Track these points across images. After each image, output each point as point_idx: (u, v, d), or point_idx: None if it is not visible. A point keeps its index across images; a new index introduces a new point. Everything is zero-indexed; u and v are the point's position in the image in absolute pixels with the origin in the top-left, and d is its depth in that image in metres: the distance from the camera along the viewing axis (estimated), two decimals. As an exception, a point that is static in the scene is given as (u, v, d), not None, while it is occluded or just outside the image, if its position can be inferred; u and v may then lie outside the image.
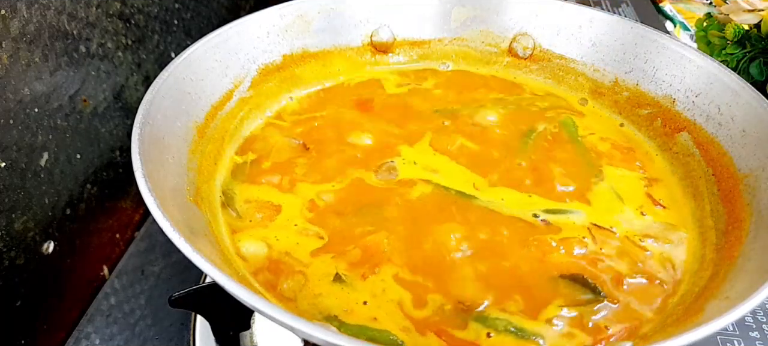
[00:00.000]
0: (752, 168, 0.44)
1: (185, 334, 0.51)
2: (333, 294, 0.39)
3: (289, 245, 0.43)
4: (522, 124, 0.55)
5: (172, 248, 0.32)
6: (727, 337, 0.49)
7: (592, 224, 0.44)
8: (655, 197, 0.48)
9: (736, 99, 0.48)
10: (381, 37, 0.63)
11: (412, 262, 0.41)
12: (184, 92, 0.47)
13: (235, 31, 0.53)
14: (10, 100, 0.46)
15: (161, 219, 0.33)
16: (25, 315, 0.50)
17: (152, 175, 0.36)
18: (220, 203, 0.46)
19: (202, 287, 0.43)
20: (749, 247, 0.39)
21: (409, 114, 0.56)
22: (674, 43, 0.54)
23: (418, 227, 0.44)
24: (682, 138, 0.52)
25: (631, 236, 0.44)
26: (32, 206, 0.49)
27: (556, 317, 0.38)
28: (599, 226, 0.44)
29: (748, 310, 0.31)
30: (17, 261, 0.48)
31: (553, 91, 0.61)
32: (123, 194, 0.64)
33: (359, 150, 0.51)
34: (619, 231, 0.44)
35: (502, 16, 0.62)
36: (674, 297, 0.40)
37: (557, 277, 0.40)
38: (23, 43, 0.47)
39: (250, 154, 0.51)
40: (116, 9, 0.59)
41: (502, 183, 0.48)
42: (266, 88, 0.57)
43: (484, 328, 0.37)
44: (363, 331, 0.37)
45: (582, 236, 0.44)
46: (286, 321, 0.28)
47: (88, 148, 0.57)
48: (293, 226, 0.44)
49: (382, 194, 0.47)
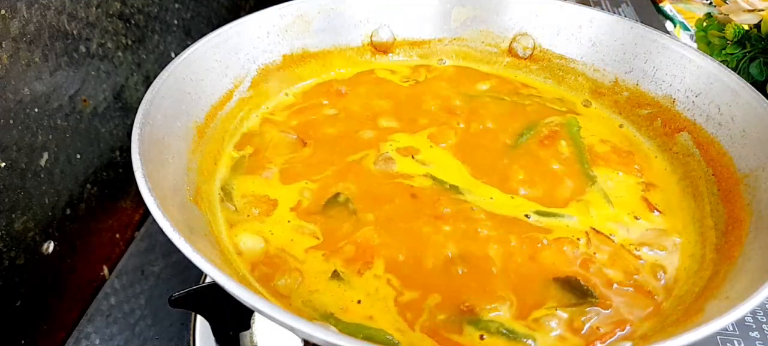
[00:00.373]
0: (752, 168, 0.44)
1: (185, 334, 0.51)
2: (329, 291, 0.39)
3: (284, 241, 0.43)
4: (522, 124, 0.55)
5: (172, 248, 0.32)
6: (727, 337, 0.49)
7: (591, 228, 0.44)
8: (651, 202, 0.48)
9: (736, 99, 0.48)
10: (381, 37, 0.63)
11: (403, 259, 0.41)
12: (184, 92, 0.47)
13: (235, 31, 0.53)
14: (10, 100, 0.46)
15: (161, 219, 0.33)
16: (25, 315, 0.50)
17: (152, 175, 0.36)
18: (219, 198, 0.46)
19: (202, 287, 0.43)
20: (749, 247, 0.39)
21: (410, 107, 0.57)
22: (674, 43, 0.54)
23: (411, 223, 0.44)
24: (682, 138, 0.52)
25: (625, 242, 0.44)
26: (32, 206, 0.49)
27: (548, 319, 0.38)
28: (597, 230, 0.44)
29: (748, 310, 0.31)
30: (17, 261, 0.48)
31: (555, 91, 0.61)
32: (123, 194, 0.64)
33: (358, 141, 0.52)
34: (615, 237, 0.44)
35: (502, 16, 0.63)
36: (667, 301, 0.40)
37: (551, 280, 0.40)
38: (23, 43, 0.47)
39: (247, 149, 0.51)
40: (116, 9, 0.59)
41: (492, 183, 0.48)
42: (266, 88, 0.57)
43: (477, 330, 0.37)
44: (360, 330, 0.37)
45: (576, 237, 0.44)
46: (286, 321, 0.28)
47: (88, 148, 0.57)
48: (287, 222, 0.44)
49: (379, 188, 0.47)
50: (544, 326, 0.38)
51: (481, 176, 0.49)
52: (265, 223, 0.44)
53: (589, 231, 0.44)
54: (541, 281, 0.40)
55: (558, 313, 0.38)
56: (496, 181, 0.48)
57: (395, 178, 0.48)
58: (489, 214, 0.45)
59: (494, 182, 0.48)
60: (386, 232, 0.43)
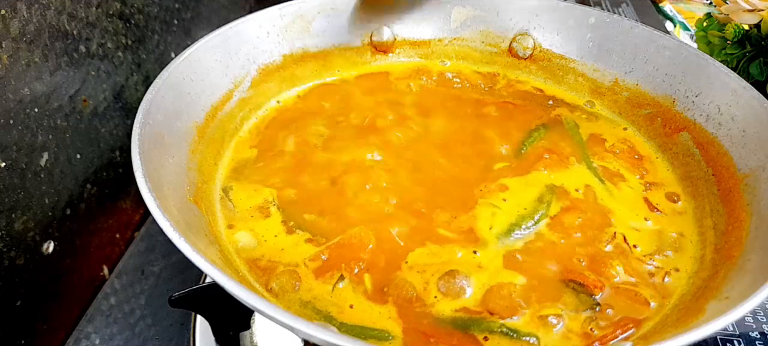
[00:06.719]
0: (752, 168, 0.44)
1: (185, 334, 0.51)
2: (325, 293, 0.39)
3: (282, 243, 0.43)
4: (523, 124, 0.55)
5: (172, 248, 0.32)
6: (727, 337, 0.49)
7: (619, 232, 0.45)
8: (652, 202, 0.48)
9: (736, 99, 0.48)
10: (381, 37, 0.63)
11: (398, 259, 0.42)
12: (184, 92, 0.47)
13: (235, 31, 0.53)
14: (10, 100, 0.46)
15: (161, 219, 0.33)
16: (25, 315, 0.50)
17: (152, 175, 0.36)
18: (219, 198, 0.46)
19: (202, 287, 0.43)
20: (749, 247, 0.39)
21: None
22: (674, 43, 0.54)
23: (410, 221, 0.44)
24: (682, 138, 0.52)
25: (628, 242, 0.44)
26: (32, 206, 0.49)
27: (551, 317, 0.38)
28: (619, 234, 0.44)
29: (748, 310, 0.31)
30: (17, 261, 0.48)
31: (557, 91, 0.61)
32: (123, 194, 0.64)
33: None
34: (617, 236, 0.44)
35: (502, 16, 0.62)
36: (667, 301, 0.40)
37: (558, 281, 0.40)
38: (23, 43, 0.47)
39: (248, 151, 0.51)
40: (116, 9, 0.59)
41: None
42: (266, 88, 0.57)
43: (480, 332, 0.37)
44: (363, 331, 0.37)
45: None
46: (286, 321, 0.28)
47: (88, 148, 0.57)
48: (281, 224, 0.44)
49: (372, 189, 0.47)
50: (547, 324, 0.38)
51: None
52: (261, 223, 0.44)
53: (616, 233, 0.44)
54: (548, 280, 0.41)
55: (561, 311, 0.38)
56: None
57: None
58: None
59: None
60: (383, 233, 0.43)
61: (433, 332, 0.37)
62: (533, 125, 0.55)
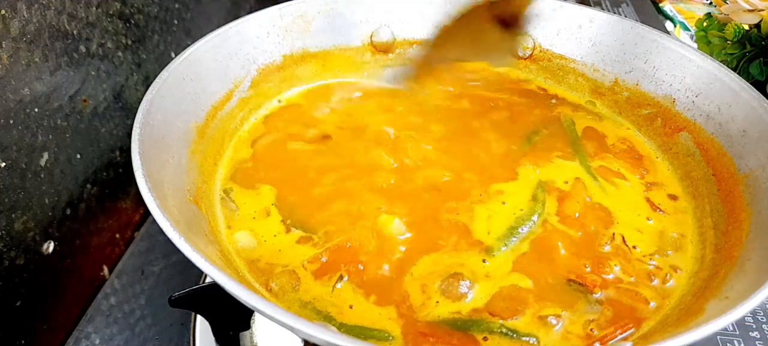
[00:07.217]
0: (752, 168, 0.44)
1: (185, 334, 0.51)
2: (325, 294, 0.39)
3: (281, 244, 0.43)
4: (524, 124, 0.55)
5: (172, 248, 0.32)
6: (727, 337, 0.49)
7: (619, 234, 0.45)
8: (654, 202, 0.48)
9: (736, 99, 0.48)
10: (381, 37, 0.63)
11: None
12: (184, 92, 0.47)
13: (235, 31, 0.53)
14: (10, 100, 0.46)
15: (161, 219, 0.33)
16: (25, 315, 0.50)
17: (152, 175, 0.36)
18: (220, 198, 0.46)
19: (202, 287, 0.43)
20: (749, 247, 0.39)
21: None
22: (674, 43, 0.54)
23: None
24: (682, 138, 0.52)
25: (628, 243, 0.44)
26: (32, 206, 0.49)
27: (551, 318, 0.38)
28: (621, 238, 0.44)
29: (748, 310, 0.31)
30: (17, 261, 0.48)
31: (558, 90, 0.61)
32: (123, 194, 0.64)
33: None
34: (617, 236, 0.44)
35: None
36: (667, 302, 0.40)
37: (559, 281, 0.40)
38: (23, 43, 0.47)
39: (247, 151, 0.51)
40: (116, 9, 0.59)
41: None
42: (266, 88, 0.57)
43: (479, 332, 0.37)
44: (363, 331, 0.37)
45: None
46: (286, 321, 0.28)
47: (88, 148, 0.57)
48: (280, 224, 0.44)
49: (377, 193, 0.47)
50: (547, 324, 0.38)
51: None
52: (261, 223, 0.44)
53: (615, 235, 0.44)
54: (550, 281, 0.41)
55: (561, 312, 0.38)
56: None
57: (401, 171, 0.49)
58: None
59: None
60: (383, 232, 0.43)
61: (433, 333, 0.37)
62: (535, 127, 0.55)
